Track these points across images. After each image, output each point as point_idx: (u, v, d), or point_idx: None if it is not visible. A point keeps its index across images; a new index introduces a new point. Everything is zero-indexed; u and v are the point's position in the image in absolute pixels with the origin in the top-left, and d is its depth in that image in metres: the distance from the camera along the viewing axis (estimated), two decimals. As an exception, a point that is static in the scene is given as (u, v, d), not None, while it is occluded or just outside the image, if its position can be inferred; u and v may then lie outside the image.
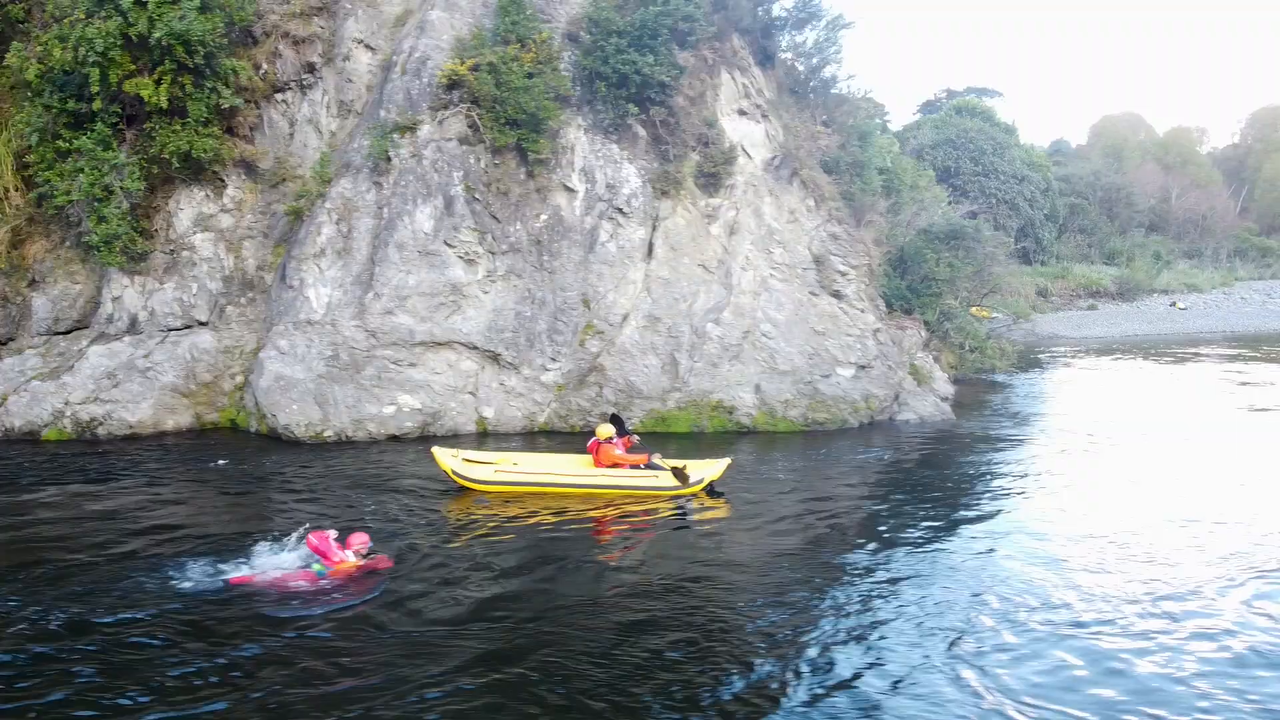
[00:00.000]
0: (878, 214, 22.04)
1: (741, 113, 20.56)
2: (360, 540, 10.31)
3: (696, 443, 17.61)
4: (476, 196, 18.67)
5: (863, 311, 20.53)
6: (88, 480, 14.59)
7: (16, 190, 19.94)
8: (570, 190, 19.45)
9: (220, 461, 16.23)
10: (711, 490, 13.93)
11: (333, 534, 10.24)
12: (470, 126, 18.71)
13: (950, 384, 24.70)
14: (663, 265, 19.52)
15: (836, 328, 20.16)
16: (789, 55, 21.69)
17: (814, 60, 21.27)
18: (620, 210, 19.25)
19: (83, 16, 17.31)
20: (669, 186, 19.39)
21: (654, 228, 19.59)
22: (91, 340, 19.80)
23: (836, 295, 20.29)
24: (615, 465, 13.85)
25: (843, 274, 20.23)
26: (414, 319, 18.44)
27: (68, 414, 18.20)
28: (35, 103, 18.47)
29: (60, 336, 20.39)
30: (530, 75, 18.49)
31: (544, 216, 19.24)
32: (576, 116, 19.57)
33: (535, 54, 18.64)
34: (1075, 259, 62.15)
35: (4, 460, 16.03)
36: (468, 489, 13.59)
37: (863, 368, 20.12)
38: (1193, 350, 35.79)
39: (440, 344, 18.59)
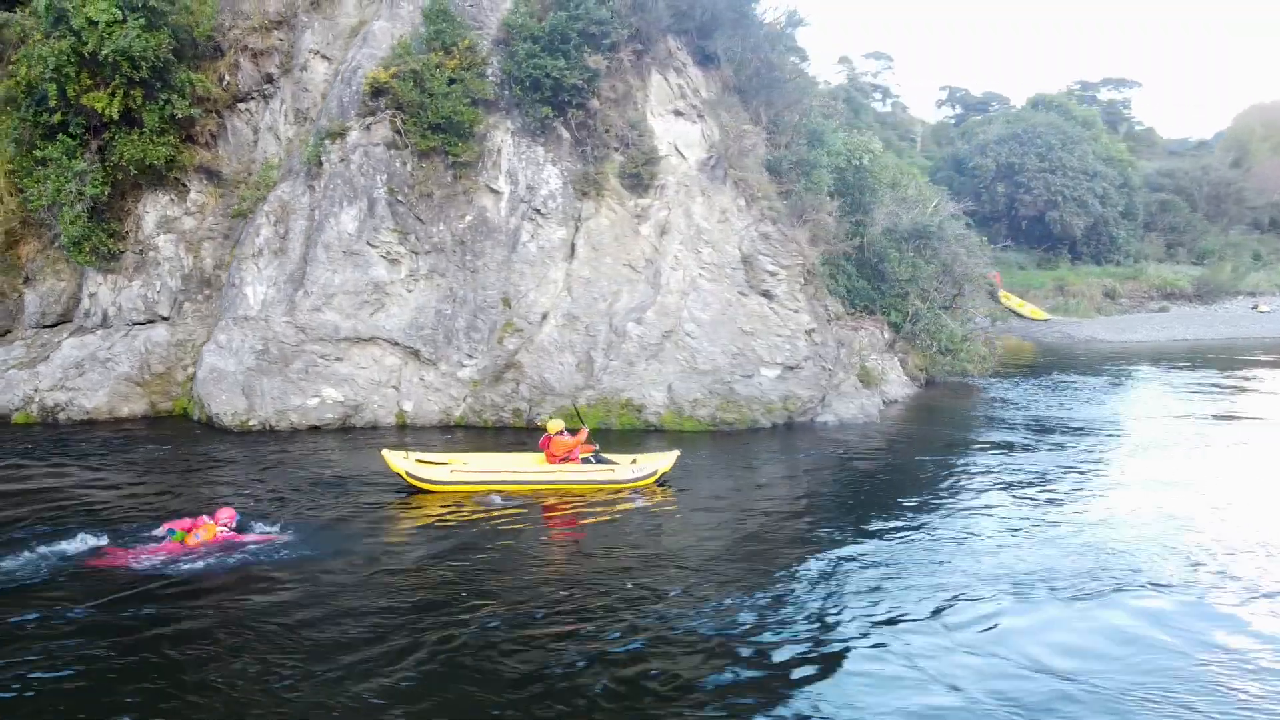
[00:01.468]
0: (826, 213, 21.67)
1: (677, 113, 20.62)
2: (226, 514, 11.16)
3: (601, 440, 17.83)
4: (400, 199, 19.43)
5: (796, 312, 20.29)
6: (25, 457, 15.96)
7: (11, 195, 21.83)
8: (495, 192, 19.99)
9: (164, 447, 17.52)
10: (662, 481, 14.32)
11: (224, 512, 11.16)
12: (396, 131, 19.46)
13: (915, 386, 24.15)
14: (584, 265, 19.82)
15: (766, 328, 20.01)
16: (740, 54, 21.48)
17: (753, 62, 21.06)
18: (538, 211, 19.67)
19: (40, 37, 18.90)
20: (589, 187, 19.66)
21: (576, 228, 19.91)
22: (70, 333, 21.57)
23: (766, 295, 20.14)
24: (567, 459, 14.15)
25: (772, 274, 20.05)
26: (340, 316, 19.34)
27: (36, 400, 19.90)
28: (12, 115, 20.26)
29: (46, 329, 22.25)
30: (452, 81, 19.12)
31: (469, 217, 19.85)
32: (505, 120, 20.07)
33: (459, 61, 19.24)
34: (1158, 258, 58.71)
35: None
36: (421, 490, 13.63)
37: (790, 368, 19.92)
38: (1244, 357, 33.47)
39: (365, 340, 19.44)
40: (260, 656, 8.04)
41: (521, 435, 18.42)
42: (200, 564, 10.35)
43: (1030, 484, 14.55)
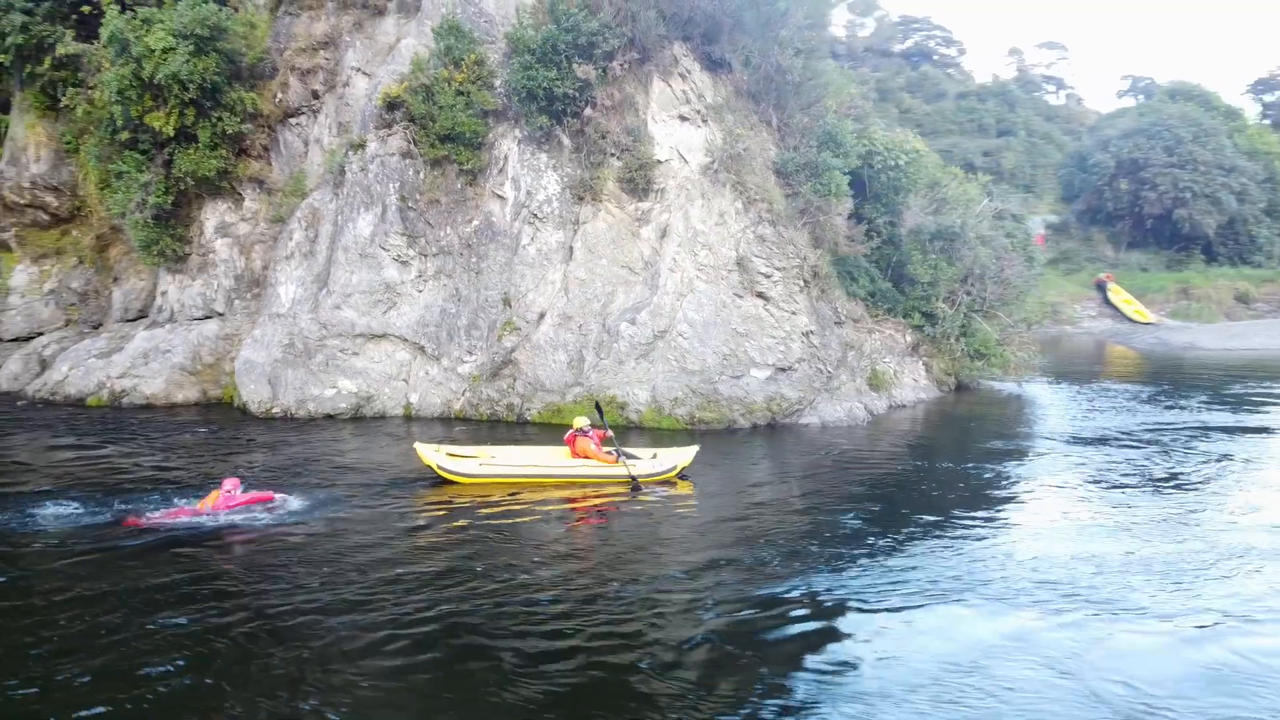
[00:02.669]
0: (835, 215, 21.55)
1: (682, 118, 21.07)
2: (231, 483, 12.72)
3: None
4: (410, 205, 20.81)
5: (793, 314, 20.38)
6: (85, 435, 18.28)
7: (101, 204, 24.71)
8: (501, 197, 21.07)
9: (201, 430, 19.59)
10: (682, 475, 14.97)
11: (228, 481, 12.68)
12: (409, 142, 20.86)
13: (938, 390, 23.57)
14: (580, 267, 20.60)
15: (760, 329, 20.21)
16: (755, 58, 21.65)
17: (763, 66, 21.18)
18: (535, 215, 20.59)
19: (108, 65, 21.41)
20: (585, 192, 20.42)
21: (574, 231, 20.71)
22: (144, 327, 24.21)
23: (762, 297, 20.32)
24: (590, 456, 14.91)
25: (767, 276, 20.21)
26: (356, 313, 20.93)
27: (107, 385, 22.48)
28: (95, 134, 23.00)
29: (128, 323, 25.06)
30: (460, 94, 20.34)
31: (475, 222, 21.03)
32: (513, 129, 21.12)
33: (466, 74, 20.44)
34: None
35: (48, 416, 20.38)
36: (451, 482, 14.18)
37: (783, 370, 20.04)
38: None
39: (378, 336, 20.95)
40: (245, 604, 9.16)
41: (514, 429, 19.43)
42: (206, 525, 11.82)
43: (991, 498, 14.17)
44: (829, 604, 9.36)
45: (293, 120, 24.08)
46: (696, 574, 10.28)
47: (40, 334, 25.41)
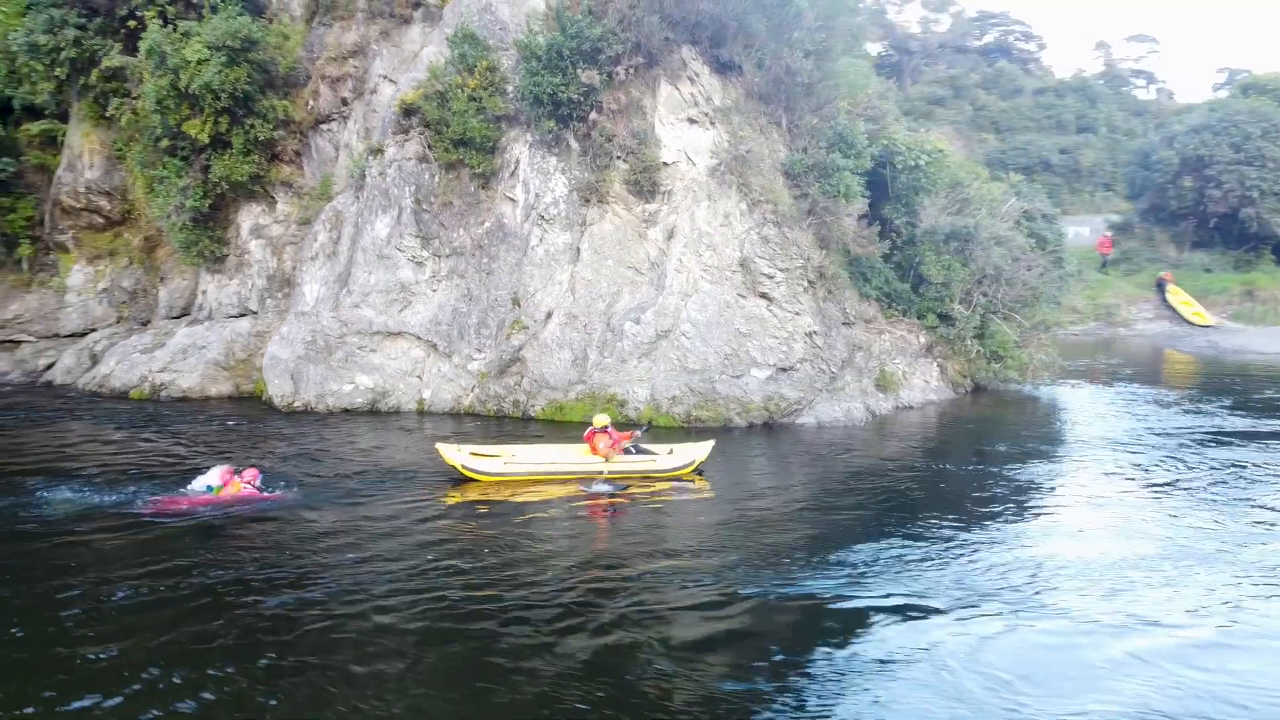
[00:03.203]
0: (844, 216, 21.59)
1: (691, 121, 21.37)
2: (251, 474, 13.62)
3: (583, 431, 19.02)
4: (424, 208, 21.58)
5: (796, 314, 20.51)
6: (122, 426, 19.52)
7: (147, 207, 26.13)
8: (512, 200, 21.67)
9: (229, 421, 20.69)
10: (699, 470, 15.47)
11: (249, 472, 13.60)
12: (425, 146, 21.62)
13: (952, 392, 23.37)
14: (587, 267, 21.06)
15: (763, 329, 20.40)
16: (766, 61, 21.80)
17: (774, 69, 21.31)
18: (543, 217, 21.13)
19: (148, 76, 22.69)
20: (592, 195, 20.87)
21: (581, 233, 21.19)
22: (186, 324, 25.54)
23: (765, 297, 20.50)
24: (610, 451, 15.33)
25: (769, 276, 20.38)
26: (374, 312, 21.78)
27: (148, 379, 23.81)
28: (139, 141, 24.36)
29: (172, 321, 26.45)
30: (473, 100, 21.01)
31: (487, 223, 21.68)
32: (525, 133, 21.70)
33: (478, 81, 21.10)
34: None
35: (94, 408, 21.80)
36: (473, 480, 14.65)
37: (784, 370, 20.19)
38: None
39: (394, 334, 21.76)
40: (253, 588, 9.84)
41: (519, 425, 20.00)
42: (227, 513, 12.64)
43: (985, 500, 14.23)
44: (840, 602, 9.59)
45: (324, 126, 25.12)
46: (709, 570, 10.53)
47: (93, 330, 26.98)
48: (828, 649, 8.53)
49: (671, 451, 15.46)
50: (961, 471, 15.94)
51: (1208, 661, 8.34)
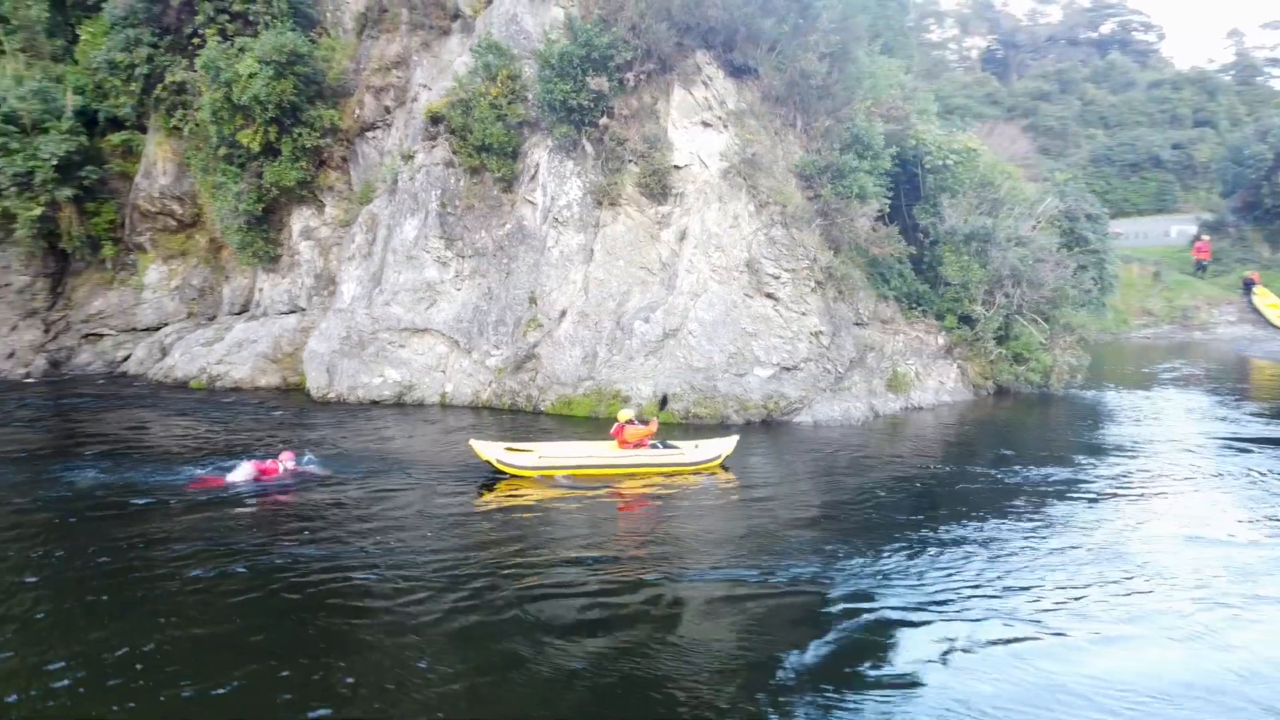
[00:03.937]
0: (857, 217, 21.69)
1: (704, 124, 21.86)
2: (287, 456, 15.07)
3: (589, 426, 19.76)
4: (449, 210, 22.70)
5: (802, 314, 20.78)
6: (179, 414, 21.36)
7: (210, 211, 28.13)
8: (532, 203, 22.58)
9: (275, 411, 22.31)
10: (724, 465, 16.24)
11: (285, 454, 15.04)
12: (452, 152, 22.74)
13: (970, 394, 23.15)
14: (599, 268, 21.79)
15: (768, 329, 20.75)
16: (783, 64, 22.08)
17: (788, 72, 21.57)
18: (558, 219, 21.95)
19: (205, 90, 24.51)
20: (604, 197, 21.59)
21: (595, 234, 21.93)
22: (244, 320, 27.41)
23: (772, 297, 20.84)
24: (639, 445, 16.07)
25: (775, 277, 20.71)
26: (403, 309, 23.03)
27: (206, 371, 25.71)
28: (201, 150, 26.30)
29: (233, 316, 28.38)
30: (494, 107, 22.02)
31: (508, 226, 22.65)
32: (545, 139, 22.57)
33: (500, 89, 22.09)
34: None
35: (156, 396, 23.82)
36: (506, 475, 15.18)
37: (787, 369, 20.49)
38: None
39: (421, 330, 22.96)
40: (287, 552, 11.03)
41: (530, 419, 20.86)
42: (265, 489, 14.03)
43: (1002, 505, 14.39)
44: (861, 600, 9.86)
45: (369, 134, 26.58)
46: (721, 566, 11.00)
47: (166, 325, 29.16)
48: (851, 653, 8.67)
49: (697, 446, 16.09)
50: (944, 472, 15.97)
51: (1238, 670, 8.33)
